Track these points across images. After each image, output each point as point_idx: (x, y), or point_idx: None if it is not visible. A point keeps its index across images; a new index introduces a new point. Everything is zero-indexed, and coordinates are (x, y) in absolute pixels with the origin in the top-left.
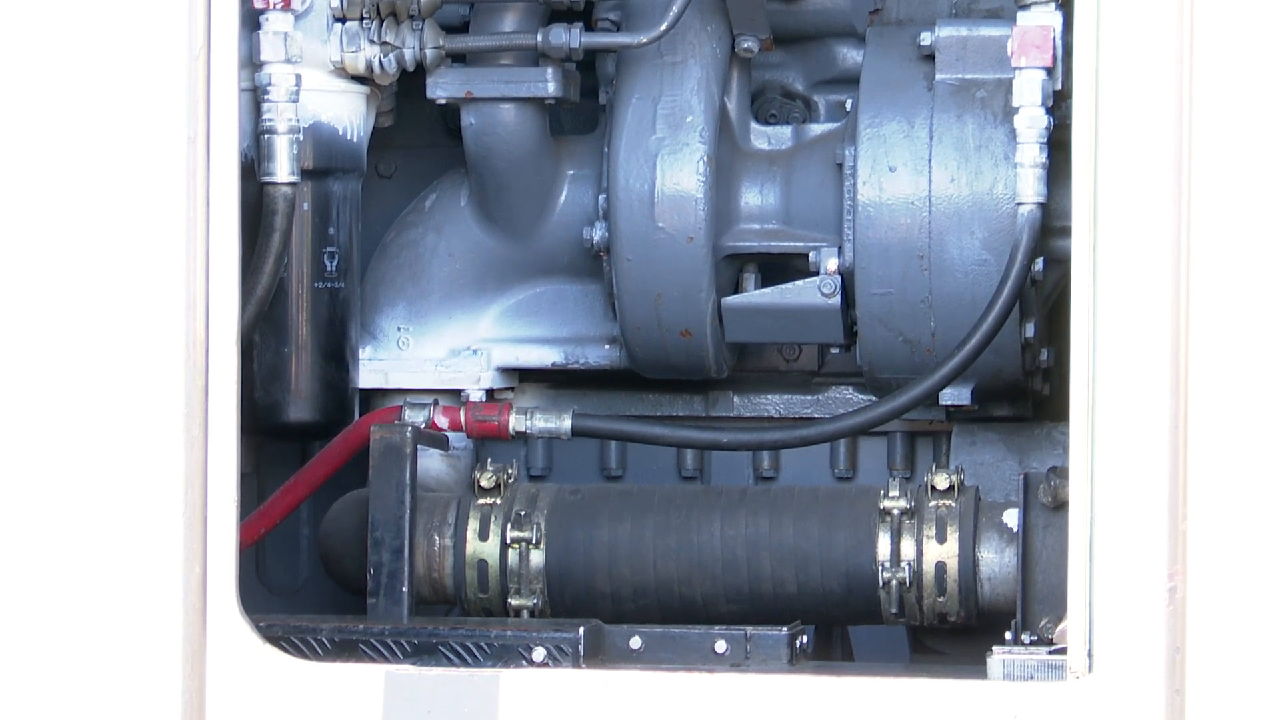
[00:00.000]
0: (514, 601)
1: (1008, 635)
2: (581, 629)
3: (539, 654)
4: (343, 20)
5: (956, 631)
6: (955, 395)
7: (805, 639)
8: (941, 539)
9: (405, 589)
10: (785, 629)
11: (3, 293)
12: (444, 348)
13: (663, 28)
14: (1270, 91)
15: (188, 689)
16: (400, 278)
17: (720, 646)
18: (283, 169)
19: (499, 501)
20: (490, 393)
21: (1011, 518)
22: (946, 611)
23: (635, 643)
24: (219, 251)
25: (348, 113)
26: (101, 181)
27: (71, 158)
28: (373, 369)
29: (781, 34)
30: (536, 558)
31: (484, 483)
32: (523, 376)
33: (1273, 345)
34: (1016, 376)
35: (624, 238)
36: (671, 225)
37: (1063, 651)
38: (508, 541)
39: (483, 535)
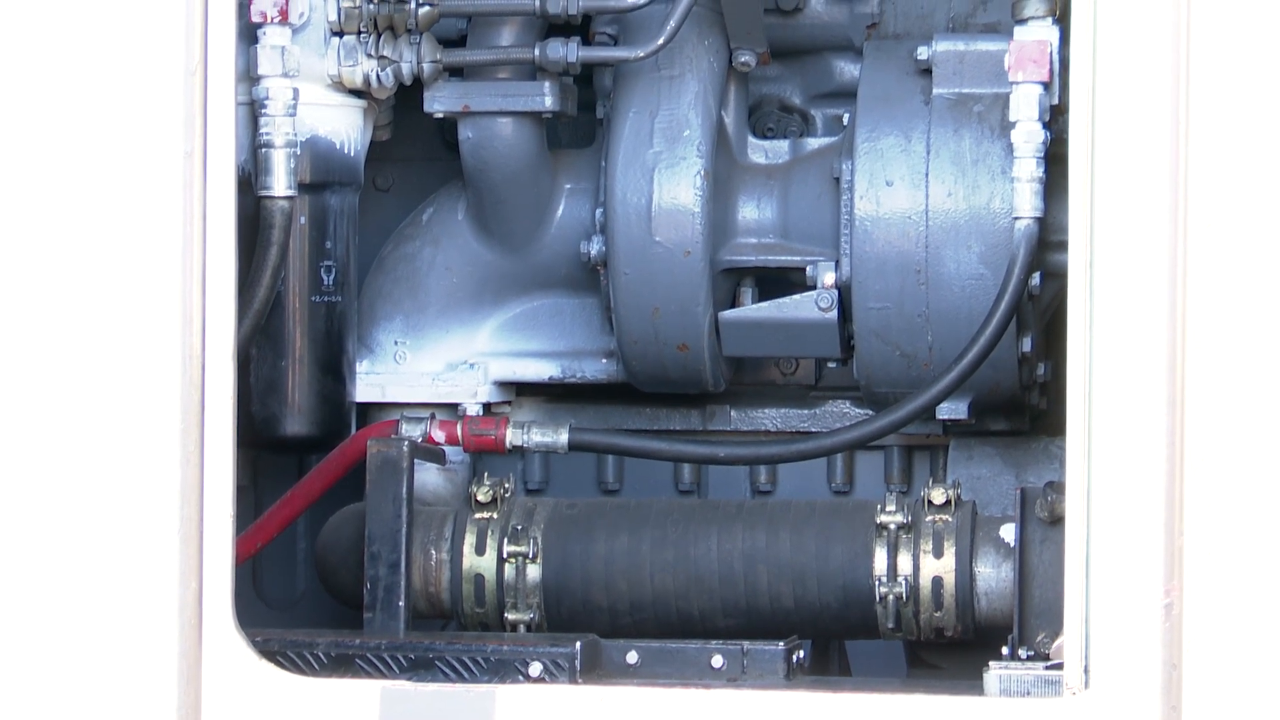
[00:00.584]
0: (511, 616)
1: (1004, 650)
2: (578, 643)
3: (535, 669)
4: (340, 34)
5: (953, 646)
6: (952, 409)
7: (802, 653)
8: (938, 554)
9: (402, 603)
10: (782, 643)
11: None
12: (441, 361)
13: (660, 42)
14: (1266, 103)
15: (183, 704)
16: (397, 291)
17: (717, 661)
18: (280, 183)
19: (496, 516)
20: (487, 406)
21: (1008, 532)
22: (943, 626)
23: (632, 657)
24: (215, 266)
25: (345, 126)
26: (98, 196)
27: (68, 172)
28: (370, 383)
29: (779, 48)
30: (533, 572)
31: (481, 497)
32: (520, 390)
33: (1270, 359)
34: (1013, 391)
35: (621, 252)
36: (669, 239)
37: (1059, 667)
38: (504, 556)
39: (479, 549)
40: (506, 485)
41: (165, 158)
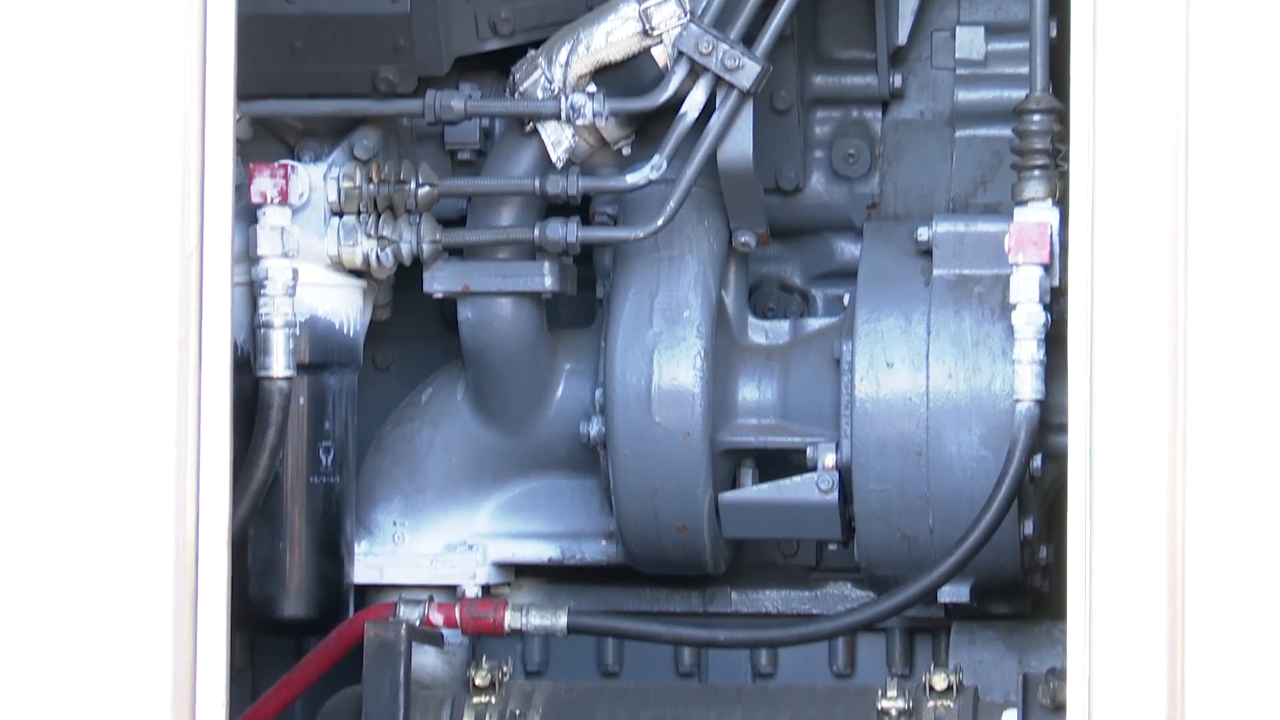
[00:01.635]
0: None
1: None
2: None
3: None
4: (340, 214)
5: None
6: (954, 593)
7: None
8: None
9: None
10: None
11: None
12: (440, 543)
13: (659, 222)
14: (1265, 290)
15: None
16: (396, 472)
17: None
18: (279, 364)
19: (494, 700)
20: (486, 588)
21: (1011, 719)
22: None
23: None
24: (210, 454)
25: (345, 306)
26: (91, 386)
27: (62, 361)
28: (368, 564)
29: (779, 227)
30: None
31: (479, 681)
32: (519, 571)
33: (1272, 546)
34: (1015, 574)
35: (621, 433)
36: (668, 420)
37: None
38: None
39: None
40: (505, 669)
41: (160, 344)
